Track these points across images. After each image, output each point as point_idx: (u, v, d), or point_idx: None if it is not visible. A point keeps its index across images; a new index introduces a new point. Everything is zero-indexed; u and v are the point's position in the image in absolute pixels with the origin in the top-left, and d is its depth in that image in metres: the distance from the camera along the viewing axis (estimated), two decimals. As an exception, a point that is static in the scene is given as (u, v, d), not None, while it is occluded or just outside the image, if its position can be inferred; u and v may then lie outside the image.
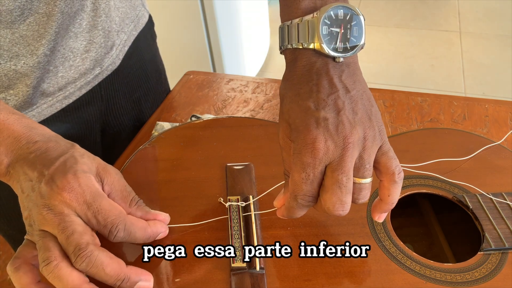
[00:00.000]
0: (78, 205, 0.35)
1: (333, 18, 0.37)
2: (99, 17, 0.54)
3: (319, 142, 0.34)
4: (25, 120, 0.38)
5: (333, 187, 0.35)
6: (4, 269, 1.35)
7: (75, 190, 0.35)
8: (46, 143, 0.37)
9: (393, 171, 0.37)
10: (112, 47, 0.58)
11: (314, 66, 0.37)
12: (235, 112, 0.68)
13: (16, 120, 0.38)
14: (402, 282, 0.39)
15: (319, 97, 0.35)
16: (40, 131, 0.38)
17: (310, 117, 0.35)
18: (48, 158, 0.36)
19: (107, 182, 0.38)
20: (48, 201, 0.35)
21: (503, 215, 0.44)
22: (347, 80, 0.37)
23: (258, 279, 0.39)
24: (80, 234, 0.34)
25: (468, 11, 2.75)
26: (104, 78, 0.59)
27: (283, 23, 0.39)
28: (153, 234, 0.40)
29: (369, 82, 1.77)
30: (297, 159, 0.35)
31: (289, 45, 0.38)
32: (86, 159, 0.38)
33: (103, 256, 0.34)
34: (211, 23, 1.64)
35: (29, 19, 0.45)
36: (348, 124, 0.35)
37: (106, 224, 0.36)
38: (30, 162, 0.36)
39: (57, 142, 0.38)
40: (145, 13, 0.67)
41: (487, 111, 0.65)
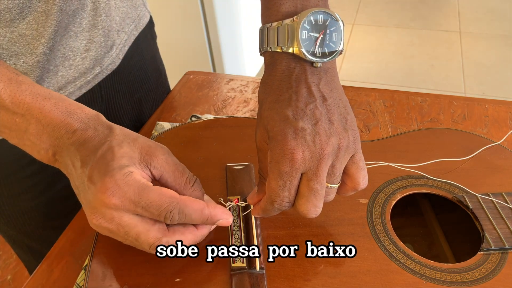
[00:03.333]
0: (125, 206, 0.34)
1: (313, 23, 0.37)
2: (99, 16, 0.54)
3: (297, 153, 0.35)
4: (63, 104, 0.37)
5: (308, 194, 0.37)
6: (4, 269, 1.35)
7: (116, 193, 0.33)
8: (85, 132, 0.36)
9: (358, 182, 0.39)
10: (112, 46, 0.58)
11: (293, 72, 0.37)
12: (235, 112, 0.68)
13: (53, 106, 0.36)
14: (402, 282, 0.39)
15: (298, 106, 0.36)
16: (78, 115, 0.37)
17: (289, 127, 0.36)
18: (85, 152, 0.35)
19: (155, 165, 0.36)
20: (95, 207, 0.34)
21: (503, 215, 0.44)
22: (325, 88, 0.37)
23: (258, 279, 0.39)
24: (146, 234, 0.35)
25: (468, 11, 2.75)
26: (104, 78, 0.58)
27: (263, 25, 0.40)
28: (212, 217, 0.37)
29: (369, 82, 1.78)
30: (275, 167, 0.36)
31: (268, 48, 0.39)
32: (125, 148, 0.36)
33: (178, 237, 0.36)
34: (211, 23, 1.64)
35: (28, 17, 0.45)
36: (325, 135, 0.36)
37: (160, 213, 0.35)
38: (72, 155, 0.35)
39: (95, 129, 0.36)
40: (146, 13, 0.67)
41: (487, 111, 0.65)
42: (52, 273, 0.47)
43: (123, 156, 0.35)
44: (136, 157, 0.36)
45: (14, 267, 1.35)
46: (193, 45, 1.71)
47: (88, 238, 0.50)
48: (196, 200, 0.37)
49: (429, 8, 2.82)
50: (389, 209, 0.45)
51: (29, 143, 0.37)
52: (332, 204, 0.46)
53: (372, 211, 0.45)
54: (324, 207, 0.45)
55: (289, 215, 0.45)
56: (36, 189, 0.57)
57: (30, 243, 0.65)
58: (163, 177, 0.37)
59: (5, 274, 1.34)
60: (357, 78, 2.28)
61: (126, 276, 0.39)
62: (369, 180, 0.48)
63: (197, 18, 1.62)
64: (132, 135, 0.37)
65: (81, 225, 0.52)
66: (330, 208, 0.45)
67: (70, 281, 0.46)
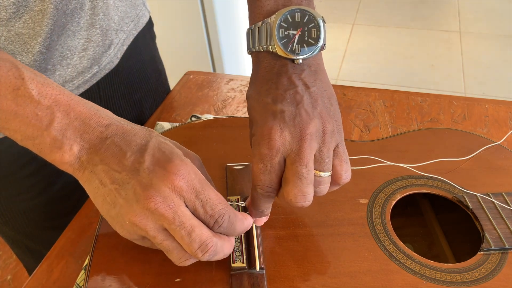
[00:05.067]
0: (188, 194, 0.32)
1: (290, 20, 0.38)
2: (97, 16, 0.54)
3: (275, 133, 0.35)
4: (90, 103, 0.35)
5: (293, 178, 0.35)
6: (4, 269, 1.35)
7: (186, 177, 0.32)
8: (121, 126, 0.34)
9: (341, 175, 0.37)
10: (110, 45, 0.58)
11: (274, 67, 0.39)
12: (235, 112, 0.68)
13: (81, 100, 0.34)
14: (402, 282, 0.39)
15: (277, 93, 0.37)
16: (106, 113, 0.35)
17: (268, 110, 0.36)
18: (133, 144, 0.33)
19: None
20: (156, 191, 0.31)
21: (503, 215, 0.44)
22: (307, 78, 0.38)
23: (258, 279, 0.39)
24: (200, 229, 0.33)
25: (468, 11, 2.76)
26: (102, 78, 0.58)
27: (249, 27, 0.41)
28: (248, 227, 0.37)
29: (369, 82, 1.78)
30: (256, 150, 0.36)
31: (252, 48, 0.40)
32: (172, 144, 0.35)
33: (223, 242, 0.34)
34: (211, 23, 1.64)
35: (25, 16, 0.45)
36: (306, 115, 0.35)
37: (213, 214, 0.33)
38: (111, 149, 0.33)
39: (131, 125, 0.35)
40: (146, 12, 0.67)
41: (487, 111, 0.65)
42: (52, 273, 0.47)
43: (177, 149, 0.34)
44: None
45: (14, 267, 1.35)
46: (193, 45, 1.71)
47: (88, 238, 0.50)
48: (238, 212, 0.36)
49: (429, 8, 2.82)
50: (389, 209, 0.45)
51: (48, 141, 0.33)
52: (332, 204, 0.46)
53: (372, 211, 0.45)
54: (324, 207, 0.45)
55: (289, 215, 0.45)
56: (34, 189, 0.57)
57: (29, 243, 0.65)
58: None
59: (5, 274, 1.34)
60: (357, 78, 2.28)
61: (126, 276, 0.39)
62: (369, 180, 0.48)
63: (197, 18, 1.62)
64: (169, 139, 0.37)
65: (81, 225, 0.52)
66: (330, 208, 0.45)
67: (70, 281, 0.46)
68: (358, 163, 0.49)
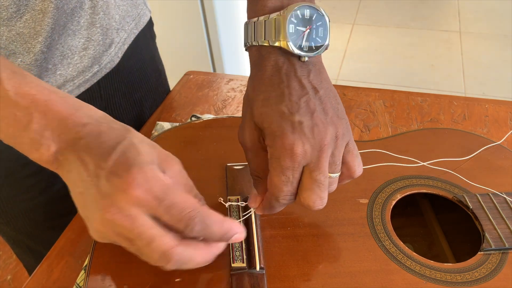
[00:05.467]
0: (148, 203, 0.31)
1: (299, 17, 0.38)
2: (97, 15, 0.54)
3: (297, 147, 0.35)
4: (70, 100, 0.34)
5: (312, 186, 0.37)
6: (4, 269, 1.35)
7: (143, 186, 0.30)
8: (98, 126, 0.33)
9: (354, 170, 0.39)
10: (111, 44, 0.58)
11: (282, 67, 0.38)
12: (235, 112, 0.68)
13: (60, 99, 0.33)
14: (402, 282, 0.39)
15: (292, 100, 0.36)
16: (87, 111, 0.34)
17: (286, 121, 0.36)
18: (103, 146, 0.32)
19: (171, 174, 0.34)
20: (112, 202, 0.30)
21: (503, 215, 0.44)
22: (315, 80, 0.38)
23: (258, 279, 0.39)
24: (161, 239, 0.31)
25: (468, 11, 2.75)
26: (102, 77, 0.58)
27: (249, 20, 0.40)
28: (230, 231, 0.34)
29: (369, 82, 1.78)
30: (276, 163, 0.36)
31: (255, 42, 0.39)
32: (146, 147, 0.33)
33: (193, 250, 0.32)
34: (211, 23, 1.64)
35: (26, 16, 0.45)
36: (322, 125, 0.36)
37: (181, 218, 0.32)
38: (81, 151, 0.32)
39: (109, 125, 0.34)
40: (147, 12, 0.67)
41: (487, 111, 0.65)
42: (52, 273, 0.47)
43: (147, 153, 0.33)
44: (156, 160, 0.33)
45: (14, 267, 1.35)
46: (193, 45, 1.71)
47: (88, 238, 0.50)
48: (215, 212, 0.34)
49: (429, 8, 2.82)
50: (389, 209, 0.45)
51: (27, 141, 0.33)
52: (332, 204, 0.46)
53: (372, 211, 0.45)
54: (324, 207, 0.45)
55: (289, 215, 0.45)
56: (35, 189, 0.57)
57: (30, 243, 0.65)
58: None
59: (5, 274, 1.34)
60: (357, 78, 2.28)
61: (126, 276, 0.39)
62: (369, 180, 0.48)
63: (197, 18, 1.62)
64: (148, 139, 0.35)
65: (81, 225, 0.52)
66: (330, 208, 0.45)
67: (70, 281, 0.46)
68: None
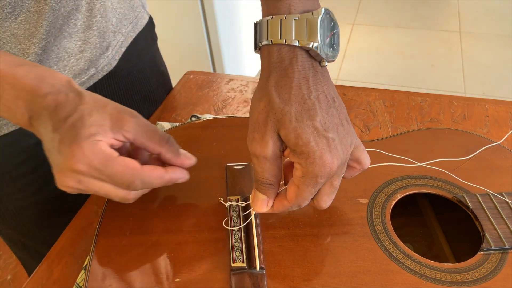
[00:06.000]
0: (90, 173, 0.36)
1: (325, 22, 0.37)
2: (94, 18, 0.54)
3: (334, 165, 0.36)
4: (35, 70, 0.37)
5: (330, 191, 0.39)
6: (4, 269, 1.35)
7: (82, 160, 0.35)
8: (56, 97, 0.37)
9: (365, 163, 0.42)
10: (108, 47, 0.58)
11: (309, 75, 0.36)
12: (235, 112, 0.68)
13: (25, 71, 0.36)
14: (402, 282, 0.39)
15: (323, 115, 0.36)
16: (50, 80, 0.37)
17: (321, 138, 0.36)
18: (57, 118, 0.36)
19: (127, 129, 0.38)
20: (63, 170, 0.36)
21: (503, 215, 0.44)
22: (330, 90, 0.38)
23: (258, 279, 0.39)
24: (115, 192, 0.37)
25: (468, 11, 2.76)
26: (99, 79, 0.58)
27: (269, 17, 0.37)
28: (171, 180, 0.40)
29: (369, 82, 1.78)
30: (311, 180, 0.37)
31: (280, 41, 0.36)
32: (95, 116, 0.36)
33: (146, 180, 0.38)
34: (211, 23, 1.64)
35: (21, 17, 0.45)
36: (345, 139, 0.37)
37: (122, 182, 0.37)
38: (44, 119, 0.36)
39: (66, 95, 0.37)
40: (145, 14, 0.67)
41: (487, 111, 0.65)
42: (52, 273, 0.47)
43: (92, 124, 0.36)
44: (106, 124, 0.37)
45: (14, 267, 1.35)
46: (193, 45, 1.71)
47: (88, 238, 0.50)
48: (156, 168, 0.39)
49: (429, 8, 2.82)
50: (389, 209, 0.45)
51: (5, 109, 0.37)
52: (332, 204, 0.46)
53: (372, 211, 0.45)
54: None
55: (289, 215, 0.45)
56: (30, 187, 0.57)
57: (26, 241, 0.65)
58: (137, 139, 0.38)
59: (5, 274, 1.34)
60: (357, 78, 2.28)
61: (126, 276, 0.39)
62: (369, 180, 0.48)
63: (197, 18, 1.62)
64: (101, 102, 0.38)
65: (81, 225, 0.52)
66: (330, 208, 0.45)
67: (70, 281, 0.46)
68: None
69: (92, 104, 0.37)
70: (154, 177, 0.38)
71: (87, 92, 0.38)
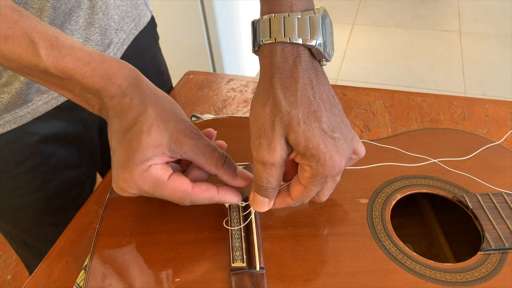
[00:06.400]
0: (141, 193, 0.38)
1: (324, 21, 0.37)
2: (96, 15, 0.54)
3: (342, 164, 0.37)
4: (102, 68, 0.37)
5: (332, 186, 0.42)
6: (4, 269, 1.35)
7: (133, 186, 0.37)
8: (121, 101, 0.37)
9: (362, 153, 0.42)
10: (110, 45, 0.58)
11: (311, 75, 0.36)
12: (235, 112, 0.68)
13: (93, 71, 0.37)
14: (402, 282, 0.39)
15: (328, 116, 0.36)
16: (117, 80, 0.37)
17: (329, 140, 0.36)
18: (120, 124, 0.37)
19: (185, 150, 0.38)
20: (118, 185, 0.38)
21: (503, 215, 0.44)
22: (330, 89, 0.38)
23: (258, 279, 0.39)
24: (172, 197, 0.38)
25: (468, 11, 2.76)
26: None
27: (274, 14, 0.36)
28: (221, 202, 0.41)
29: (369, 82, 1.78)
30: (320, 180, 0.37)
31: (284, 39, 0.35)
32: (153, 134, 0.37)
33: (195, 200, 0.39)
34: (211, 23, 1.64)
35: None
36: (347, 137, 0.38)
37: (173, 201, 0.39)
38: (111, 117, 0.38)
39: (131, 101, 0.37)
40: (148, 12, 0.67)
41: (487, 111, 0.65)
42: (52, 273, 0.47)
43: (148, 146, 0.36)
44: (164, 144, 0.37)
45: (14, 267, 1.35)
46: (193, 45, 1.71)
47: (88, 238, 0.50)
48: (208, 189, 0.39)
49: (429, 8, 2.82)
50: (389, 209, 0.45)
51: (78, 99, 0.39)
52: (332, 204, 0.46)
53: (372, 211, 0.45)
54: (324, 207, 0.46)
55: (289, 215, 0.45)
56: (32, 185, 0.58)
57: (27, 239, 0.65)
58: (195, 160, 0.39)
59: (5, 274, 1.34)
60: (357, 78, 2.28)
61: (126, 276, 0.39)
62: (369, 180, 0.48)
63: (197, 18, 1.62)
64: (164, 116, 0.38)
65: (81, 225, 0.52)
66: (330, 208, 0.45)
67: (70, 281, 0.46)
68: (359, 162, 0.49)
69: (153, 117, 0.37)
70: (203, 198, 0.39)
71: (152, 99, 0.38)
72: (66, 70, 0.36)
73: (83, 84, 0.37)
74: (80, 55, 0.36)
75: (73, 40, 0.37)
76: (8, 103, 0.50)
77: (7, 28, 0.34)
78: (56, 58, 0.35)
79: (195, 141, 0.38)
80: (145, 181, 0.37)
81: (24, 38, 0.34)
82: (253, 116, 0.37)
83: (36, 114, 0.53)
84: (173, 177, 0.38)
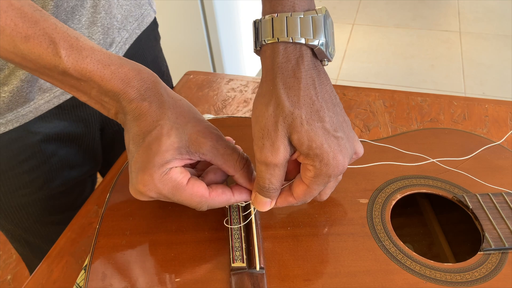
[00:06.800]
0: (159, 197, 0.38)
1: (326, 21, 0.37)
2: (98, 14, 0.54)
3: (346, 163, 0.37)
4: (122, 71, 0.37)
5: (334, 185, 0.42)
6: (4, 269, 1.35)
7: (152, 189, 0.37)
8: (140, 104, 0.37)
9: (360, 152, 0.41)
10: (112, 44, 0.58)
11: (313, 75, 0.36)
12: (235, 112, 0.68)
13: (112, 74, 0.37)
14: (402, 282, 0.39)
15: (331, 115, 0.36)
16: (136, 83, 0.37)
17: (332, 139, 0.36)
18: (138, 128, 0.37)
19: (204, 152, 0.38)
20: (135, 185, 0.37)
21: (503, 215, 0.44)
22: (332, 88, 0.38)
23: (258, 279, 0.39)
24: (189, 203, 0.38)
25: (468, 11, 2.76)
26: None
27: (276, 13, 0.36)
28: (237, 202, 0.41)
29: (369, 82, 1.78)
30: (323, 179, 0.37)
31: (286, 38, 0.35)
32: (173, 137, 0.36)
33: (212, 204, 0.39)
34: (211, 23, 1.64)
35: None
36: (349, 135, 0.38)
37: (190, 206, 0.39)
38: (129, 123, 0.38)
39: (150, 105, 0.37)
40: (151, 12, 0.67)
41: (487, 111, 0.65)
42: (52, 273, 0.47)
43: (167, 149, 0.36)
44: (183, 147, 0.37)
45: (14, 267, 1.35)
46: (193, 45, 1.71)
47: (88, 238, 0.50)
48: (224, 192, 0.40)
49: (429, 8, 2.82)
50: (389, 209, 0.46)
51: (93, 102, 0.39)
52: (332, 204, 0.46)
53: (372, 211, 0.45)
54: (324, 207, 0.46)
55: (289, 215, 0.45)
56: (33, 184, 0.58)
57: (28, 238, 0.65)
58: (213, 161, 0.39)
59: (5, 274, 1.34)
60: (357, 78, 2.28)
61: (126, 276, 0.39)
62: (369, 180, 0.48)
63: (197, 19, 1.62)
64: (182, 118, 0.38)
65: (81, 225, 0.52)
66: (330, 208, 0.45)
67: (70, 281, 0.46)
68: (359, 161, 0.49)
69: (173, 120, 0.37)
70: (220, 202, 0.40)
71: (170, 102, 0.38)
72: (85, 72, 0.35)
73: (101, 87, 0.37)
74: (100, 57, 0.36)
75: (92, 42, 0.37)
76: (10, 101, 0.50)
77: (28, 28, 0.33)
78: (76, 60, 0.35)
79: (213, 142, 0.38)
80: (165, 184, 0.37)
81: (45, 38, 0.34)
82: (256, 117, 0.37)
83: (38, 113, 0.53)
84: (191, 182, 0.38)
